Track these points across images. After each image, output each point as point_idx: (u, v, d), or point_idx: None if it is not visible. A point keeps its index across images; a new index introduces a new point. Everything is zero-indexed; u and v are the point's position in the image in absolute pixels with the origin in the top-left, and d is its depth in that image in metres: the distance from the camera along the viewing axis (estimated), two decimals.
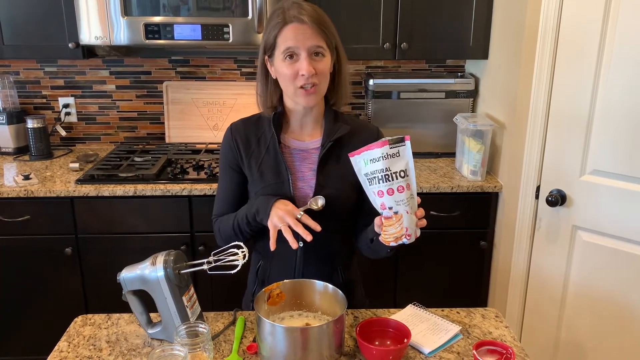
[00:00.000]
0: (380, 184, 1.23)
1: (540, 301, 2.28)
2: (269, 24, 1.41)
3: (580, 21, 1.96)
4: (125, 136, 2.99)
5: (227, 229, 1.52)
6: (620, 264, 2.01)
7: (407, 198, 1.23)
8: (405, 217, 1.24)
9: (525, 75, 2.18)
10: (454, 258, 2.57)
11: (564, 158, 2.09)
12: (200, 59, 2.90)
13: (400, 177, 1.21)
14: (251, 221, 1.45)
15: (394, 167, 1.21)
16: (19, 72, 2.87)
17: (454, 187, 2.44)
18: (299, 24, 1.36)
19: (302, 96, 1.41)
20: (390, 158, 1.21)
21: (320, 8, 1.43)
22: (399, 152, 1.22)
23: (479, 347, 1.27)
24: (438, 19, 2.57)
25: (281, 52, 1.38)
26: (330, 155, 1.47)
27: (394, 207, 1.23)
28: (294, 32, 1.36)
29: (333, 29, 1.42)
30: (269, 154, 1.48)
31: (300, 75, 1.37)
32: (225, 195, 1.57)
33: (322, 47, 1.38)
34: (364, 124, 1.58)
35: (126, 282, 1.35)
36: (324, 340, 1.24)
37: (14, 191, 2.34)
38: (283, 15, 1.37)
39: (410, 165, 1.23)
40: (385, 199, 1.24)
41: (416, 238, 1.29)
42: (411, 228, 1.25)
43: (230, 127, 1.56)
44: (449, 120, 2.68)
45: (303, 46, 1.36)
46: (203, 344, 1.24)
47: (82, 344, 1.38)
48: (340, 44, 1.45)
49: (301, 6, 1.38)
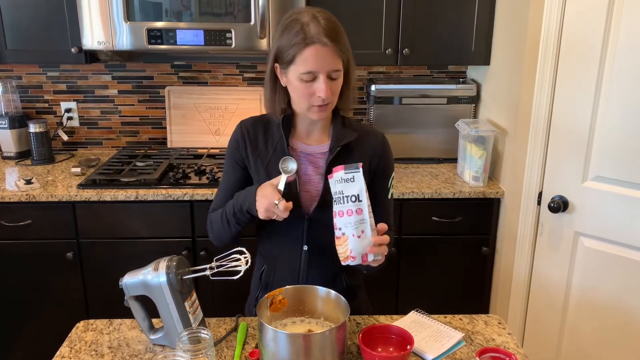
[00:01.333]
0: (335, 204, 1.31)
1: (542, 307, 2.27)
2: (287, 33, 1.36)
3: (582, 27, 1.96)
4: (127, 141, 2.99)
5: (217, 220, 1.52)
6: (623, 270, 2.01)
7: (355, 222, 1.29)
8: (351, 239, 1.29)
9: (527, 81, 2.19)
10: (455, 264, 2.57)
11: (566, 164, 2.09)
12: (203, 64, 2.91)
13: (351, 201, 1.28)
14: (237, 212, 1.45)
15: (347, 191, 1.29)
16: (21, 76, 2.87)
17: (456, 193, 2.43)
18: (321, 46, 1.32)
19: (315, 112, 1.41)
20: (345, 182, 1.29)
21: (333, 16, 1.39)
22: (354, 178, 1.28)
23: (482, 354, 1.27)
24: (440, 24, 2.58)
25: (300, 72, 1.35)
26: (337, 160, 1.47)
27: (342, 228, 1.30)
28: (316, 56, 1.33)
29: (347, 42, 1.40)
30: (277, 156, 1.47)
31: (317, 96, 1.37)
32: (226, 190, 1.56)
33: (339, 69, 1.38)
34: (370, 130, 1.58)
35: (128, 288, 1.35)
36: (327, 347, 1.23)
37: (15, 195, 2.34)
38: (304, 32, 1.33)
39: (363, 193, 1.28)
40: (337, 219, 1.31)
41: (369, 266, 1.33)
42: (356, 251, 1.30)
43: (240, 124, 1.55)
44: (450, 126, 2.68)
45: (323, 70, 1.34)
46: (205, 350, 1.23)
47: (84, 350, 1.38)
48: (350, 52, 1.43)
49: (320, 23, 1.34)
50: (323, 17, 1.36)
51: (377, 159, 1.53)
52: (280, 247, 1.53)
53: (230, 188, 1.55)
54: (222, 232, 1.52)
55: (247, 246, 1.36)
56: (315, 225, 1.48)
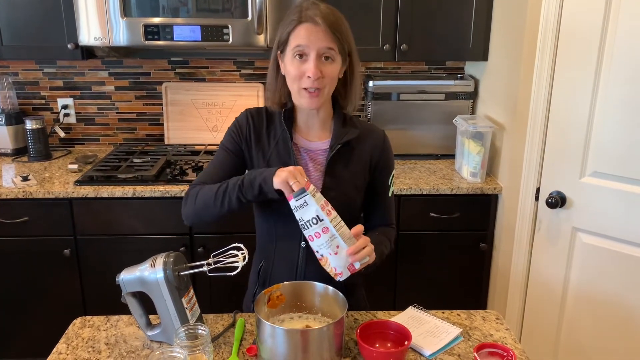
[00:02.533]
0: (303, 231, 1.31)
1: (540, 303, 2.28)
2: (286, 20, 1.41)
3: (580, 23, 1.96)
4: (124, 137, 2.98)
5: (207, 194, 1.42)
6: (621, 266, 2.01)
7: (326, 242, 1.29)
8: (330, 258, 1.30)
9: (525, 76, 2.18)
10: (453, 260, 2.57)
11: (563, 160, 2.09)
12: (200, 60, 2.90)
13: (313, 224, 1.28)
14: (245, 186, 1.36)
15: (305, 216, 1.28)
16: (17, 73, 2.86)
17: (454, 189, 2.43)
18: (312, 24, 1.35)
19: (304, 97, 1.40)
20: (301, 209, 1.28)
21: (337, 10, 1.41)
22: (306, 202, 1.27)
23: (480, 349, 1.27)
24: (438, 20, 2.57)
25: (291, 49, 1.38)
26: (338, 158, 1.47)
27: (319, 250, 1.31)
28: (307, 32, 1.36)
29: (348, 34, 1.41)
30: (278, 149, 1.47)
31: (306, 76, 1.37)
32: (215, 172, 1.50)
33: (333, 50, 1.37)
34: (372, 127, 1.57)
35: (125, 284, 1.35)
36: (325, 343, 1.23)
37: (12, 192, 2.33)
38: (299, 13, 1.37)
39: (320, 211, 1.27)
40: (311, 243, 1.31)
41: (365, 268, 1.33)
42: (339, 266, 1.31)
43: (247, 111, 1.54)
44: (448, 122, 2.68)
45: (313, 47, 1.35)
46: (203, 346, 1.23)
47: (81, 346, 1.37)
48: (354, 50, 1.43)
49: (319, 7, 1.38)
50: (325, 5, 1.39)
51: (378, 156, 1.52)
52: (279, 244, 1.52)
53: (223, 167, 1.50)
54: (210, 207, 1.42)
55: (244, 243, 1.36)
56: None
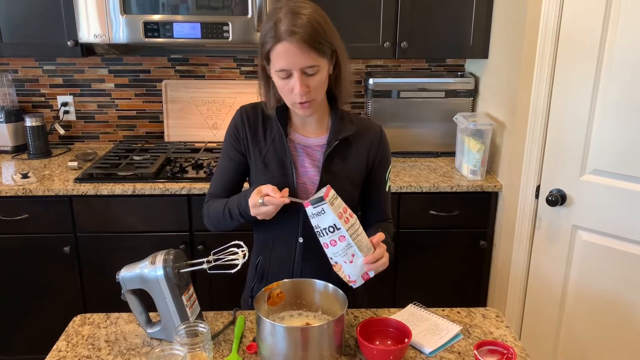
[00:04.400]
0: (318, 237, 1.30)
1: (540, 301, 2.28)
2: (264, 27, 1.35)
3: (581, 20, 1.95)
4: (124, 135, 2.98)
5: (217, 213, 1.49)
6: (620, 264, 2.01)
7: (341, 250, 1.28)
8: (344, 266, 1.31)
9: (526, 74, 2.18)
10: (453, 258, 2.57)
11: (564, 157, 2.09)
12: (200, 57, 2.89)
13: (330, 232, 1.27)
14: (242, 212, 1.42)
15: (322, 224, 1.27)
16: (17, 70, 2.86)
17: (454, 187, 2.43)
18: (288, 43, 1.29)
19: (298, 109, 1.41)
20: (317, 217, 1.26)
21: (317, 11, 1.35)
22: (323, 210, 1.25)
23: (480, 347, 1.27)
24: (438, 17, 2.57)
25: (275, 69, 1.35)
26: (335, 154, 1.47)
27: (333, 257, 1.31)
28: (285, 53, 1.31)
29: (329, 33, 1.35)
30: (274, 146, 1.47)
31: (295, 92, 1.35)
32: (222, 177, 1.54)
33: (315, 65, 1.33)
34: (369, 123, 1.57)
35: (125, 282, 1.35)
36: (324, 340, 1.23)
37: (12, 190, 2.33)
38: (275, 28, 1.31)
39: (337, 220, 1.25)
40: (326, 250, 1.30)
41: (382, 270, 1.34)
42: (353, 274, 1.31)
43: (241, 110, 1.54)
44: (448, 120, 2.68)
45: (295, 67, 1.32)
46: (203, 343, 1.23)
47: (81, 344, 1.37)
48: (339, 45, 1.40)
49: (294, 18, 1.30)
50: (301, 12, 1.32)
51: (375, 152, 1.52)
52: (276, 239, 1.52)
53: (228, 176, 1.53)
54: (224, 225, 1.50)
55: (244, 240, 1.36)
56: None
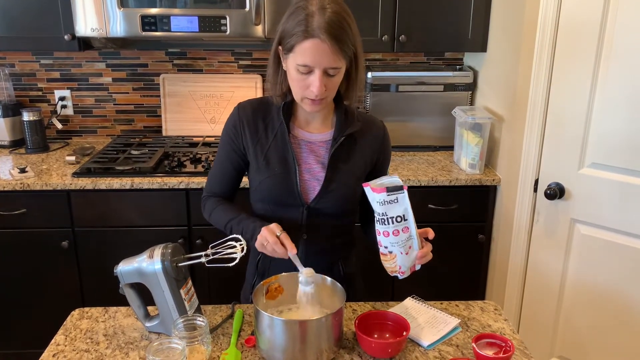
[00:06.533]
0: (378, 224, 1.28)
1: (538, 294, 2.28)
2: (292, 19, 1.31)
3: (580, 13, 1.95)
4: (122, 129, 2.97)
5: (218, 221, 1.50)
6: (619, 257, 2.01)
7: (402, 240, 1.29)
8: (399, 257, 1.31)
9: (524, 68, 2.18)
10: (452, 251, 2.57)
11: (562, 151, 2.09)
12: (197, 51, 2.88)
13: (396, 222, 1.27)
14: (244, 234, 1.41)
15: (390, 212, 1.26)
16: (14, 64, 2.84)
17: (452, 181, 2.43)
18: (320, 42, 1.27)
19: (307, 104, 1.38)
20: (388, 204, 1.25)
21: (346, 9, 1.34)
22: (397, 199, 1.26)
23: (478, 339, 1.27)
24: (436, 11, 2.56)
25: (297, 62, 1.31)
26: (340, 150, 1.45)
27: (389, 247, 1.30)
28: (313, 50, 1.28)
29: (354, 34, 1.34)
30: (277, 142, 1.45)
31: (310, 89, 1.33)
32: (220, 174, 1.54)
33: (338, 67, 1.32)
34: (372, 119, 1.56)
35: (123, 275, 1.34)
36: (323, 333, 1.23)
37: (10, 184, 2.32)
38: (306, 22, 1.28)
39: (408, 211, 1.27)
40: (381, 238, 1.30)
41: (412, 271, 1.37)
42: (405, 266, 1.32)
43: (238, 107, 1.50)
44: (447, 114, 2.67)
45: (320, 65, 1.30)
46: (201, 337, 1.23)
47: (79, 338, 1.37)
48: (359, 47, 1.37)
49: (325, 13, 1.28)
50: (332, 9, 1.30)
51: (379, 148, 1.52)
52: None
53: (224, 172, 1.53)
54: (223, 229, 1.51)
55: None
56: (314, 214, 1.46)
